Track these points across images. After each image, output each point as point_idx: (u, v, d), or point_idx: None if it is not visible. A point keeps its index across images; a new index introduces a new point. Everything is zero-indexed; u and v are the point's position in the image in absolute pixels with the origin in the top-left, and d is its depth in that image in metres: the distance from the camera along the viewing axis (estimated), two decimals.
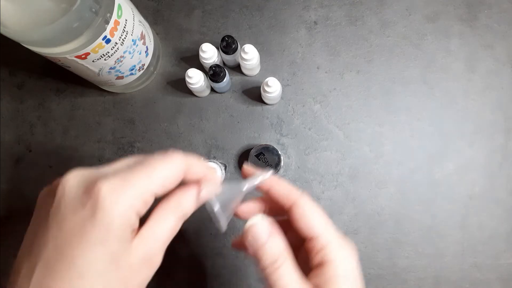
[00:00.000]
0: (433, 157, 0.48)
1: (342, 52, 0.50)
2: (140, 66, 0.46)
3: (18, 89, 0.52)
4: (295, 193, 0.29)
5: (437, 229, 0.47)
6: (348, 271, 0.27)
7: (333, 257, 0.27)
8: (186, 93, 0.50)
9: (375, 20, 0.50)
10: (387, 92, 0.49)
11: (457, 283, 0.46)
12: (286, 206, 0.29)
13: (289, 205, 0.29)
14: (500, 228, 0.47)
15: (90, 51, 0.37)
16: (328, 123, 0.49)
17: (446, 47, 0.50)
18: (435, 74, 0.49)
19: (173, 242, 0.49)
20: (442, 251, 0.46)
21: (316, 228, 0.28)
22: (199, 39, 0.51)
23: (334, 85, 0.50)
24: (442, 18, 0.50)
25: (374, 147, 0.48)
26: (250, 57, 0.45)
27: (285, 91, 0.50)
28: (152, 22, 0.51)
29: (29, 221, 0.51)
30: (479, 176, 0.48)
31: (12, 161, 0.50)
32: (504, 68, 0.49)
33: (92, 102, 0.51)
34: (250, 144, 0.49)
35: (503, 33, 0.50)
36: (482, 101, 0.49)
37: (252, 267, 0.47)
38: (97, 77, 0.43)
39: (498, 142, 0.48)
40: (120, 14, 0.38)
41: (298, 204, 0.29)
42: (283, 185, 0.30)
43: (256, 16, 0.51)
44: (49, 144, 0.50)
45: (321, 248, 0.27)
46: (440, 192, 0.47)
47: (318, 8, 0.51)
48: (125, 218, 0.23)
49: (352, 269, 0.28)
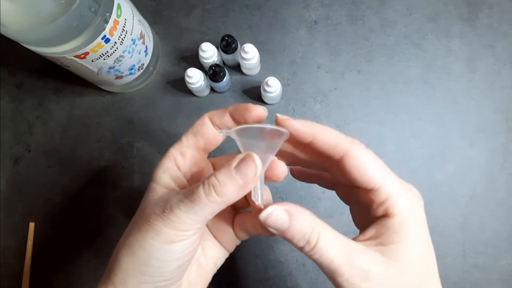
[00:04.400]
0: (434, 157, 0.48)
1: (342, 52, 0.50)
2: (140, 66, 0.46)
3: (17, 89, 0.52)
4: (345, 141, 0.25)
5: (438, 230, 0.47)
6: (415, 222, 0.25)
7: (398, 210, 0.25)
8: (186, 92, 0.50)
9: (376, 19, 0.50)
10: (388, 92, 0.49)
11: (458, 283, 0.46)
12: (336, 157, 0.26)
13: (339, 156, 0.25)
14: (501, 229, 0.46)
15: (89, 50, 0.37)
16: (328, 123, 0.49)
17: (447, 47, 0.49)
18: (436, 74, 0.49)
19: None
20: (443, 252, 0.46)
21: (376, 180, 0.25)
22: (199, 39, 0.51)
23: (335, 84, 0.49)
24: (443, 18, 0.50)
25: (374, 147, 0.47)
26: (250, 57, 0.45)
27: (285, 91, 0.49)
28: (151, 21, 0.51)
29: (28, 221, 0.51)
30: (480, 176, 0.47)
31: (11, 161, 0.50)
32: (505, 68, 0.49)
33: (91, 102, 0.51)
34: None
35: (504, 32, 0.49)
36: (483, 101, 0.49)
37: (252, 267, 0.47)
38: (96, 76, 0.43)
39: (499, 142, 0.48)
40: (119, 14, 0.38)
41: (351, 154, 0.25)
42: (330, 132, 0.26)
43: (256, 15, 0.51)
44: (48, 144, 0.50)
45: (384, 200, 0.25)
46: (441, 193, 0.47)
47: (319, 8, 0.51)
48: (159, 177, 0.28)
49: (419, 220, 0.25)
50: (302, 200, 0.48)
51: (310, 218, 0.24)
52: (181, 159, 0.28)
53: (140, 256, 0.25)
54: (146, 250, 0.25)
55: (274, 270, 0.47)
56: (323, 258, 0.23)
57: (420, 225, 0.25)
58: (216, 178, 0.24)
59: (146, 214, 0.26)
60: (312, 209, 0.47)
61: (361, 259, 0.23)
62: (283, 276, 0.47)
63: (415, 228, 0.25)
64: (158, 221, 0.25)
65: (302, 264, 0.47)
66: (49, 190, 0.49)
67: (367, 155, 0.26)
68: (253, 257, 0.47)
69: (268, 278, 0.47)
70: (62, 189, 0.49)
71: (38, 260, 0.48)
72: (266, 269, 0.47)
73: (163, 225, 0.24)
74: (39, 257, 0.48)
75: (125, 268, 0.25)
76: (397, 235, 0.24)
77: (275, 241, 0.47)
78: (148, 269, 0.25)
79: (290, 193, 0.48)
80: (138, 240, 0.25)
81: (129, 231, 0.26)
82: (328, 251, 0.23)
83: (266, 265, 0.47)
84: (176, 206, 0.24)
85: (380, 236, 0.25)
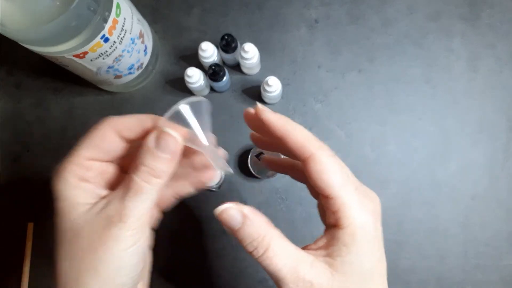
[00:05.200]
0: (435, 157, 0.48)
1: (343, 51, 0.50)
2: (139, 65, 0.46)
3: (16, 89, 0.51)
4: (313, 144, 0.26)
5: (440, 230, 0.46)
6: (365, 236, 0.25)
7: (348, 222, 0.25)
8: (186, 92, 0.49)
9: (377, 18, 0.50)
10: (389, 91, 0.49)
11: (460, 284, 0.46)
12: (301, 158, 0.26)
13: (304, 157, 0.26)
14: (502, 229, 0.46)
15: (88, 50, 0.37)
16: (329, 122, 0.49)
17: (448, 46, 0.49)
18: (437, 73, 0.49)
19: (173, 242, 0.49)
20: (445, 253, 0.46)
21: (332, 188, 0.25)
22: (199, 38, 0.50)
23: (335, 84, 0.49)
24: (444, 17, 0.50)
25: (375, 147, 0.48)
26: (250, 56, 0.45)
27: (285, 90, 0.49)
28: (151, 20, 0.51)
29: (26, 221, 0.50)
30: (481, 176, 0.47)
31: (10, 160, 0.50)
32: (506, 67, 0.49)
33: (90, 102, 0.50)
34: (250, 144, 0.48)
35: (505, 32, 0.49)
36: (484, 101, 0.48)
37: (251, 268, 0.47)
38: (95, 76, 0.43)
39: (500, 141, 0.48)
40: (118, 13, 0.38)
41: (314, 158, 0.25)
42: (300, 132, 0.26)
43: (256, 14, 0.51)
44: (47, 144, 0.50)
45: (336, 210, 0.25)
46: (442, 193, 0.47)
47: (319, 6, 0.51)
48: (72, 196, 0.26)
49: (371, 234, 0.25)
50: (303, 200, 0.47)
51: (263, 226, 0.25)
52: (87, 172, 0.27)
53: (109, 273, 0.24)
54: (114, 264, 0.24)
55: None
56: (271, 267, 0.24)
57: (371, 239, 0.25)
58: (145, 165, 0.25)
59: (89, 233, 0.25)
60: (313, 209, 0.47)
61: (308, 271, 0.24)
62: None
63: (365, 242, 0.25)
64: (115, 229, 0.24)
65: None
66: (49, 190, 0.49)
67: (329, 163, 0.25)
68: (253, 259, 0.47)
69: (268, 278, 0.47)
70: None
71: (37, 260, 0.48)
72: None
73: (123, 230, 0.24)
74: (38, 257, 0.48)
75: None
76: (346, 249, 0.24)
77: None
78: (121, 279, 0.25)
79: (290, 193, 0.48)
80: (99, 259, 0.24)
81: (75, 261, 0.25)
82: (276, 261, 0.24)
83: None
84: (126, 208, 0.25)
85: (330, 247, 0.25)
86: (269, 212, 0.47)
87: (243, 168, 0.48)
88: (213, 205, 0.50)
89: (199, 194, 0.48)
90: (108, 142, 0.27)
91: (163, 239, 0.48)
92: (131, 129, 0.27)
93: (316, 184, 0.25)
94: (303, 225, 0.47)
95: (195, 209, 0.48)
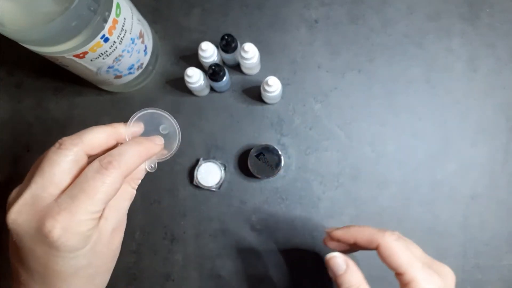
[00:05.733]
0: (435, 157, 0.48)
1: (343, 51, 0.50)
2: (139, 65, 0.46)
3: (16, 89, 0.51)
4: (377, 236, 0.32)
5: (439, 230, 0.46)
6: None
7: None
8: (185, 92, 0.49)
9: (376, 18, 0.50)
10: (389, 91, 0.49)
11: (459, 284, 0.45)
12: (372, 248, 0.33)
13: (374, 247, 0.33)
14: (502, 229, 0.46)
15: (88, 50, 0.37)
16: (329, 122, 0.49)
17: (448, 46, 0.49)
18: (437, 73, 0.49)
19: (173, 243, 0.49)
20: (444, 252, 0.46)
21: (401, 267, 0.31)
22: (199, 38, 0.50)
23: (335, 84, 0.49)
24: (444, 17, 0.50)
25: (375, 147, 0.48)
26: (250, 56, 0.45)
27: (285, 90, 0.49)
28: (151, 20, 0.51)
29: None
30: (481, 176, 0.47)
31: (10, 160, 0.50)
32: (506, 67, 0.49)
33: (90, 102, 0.51)
34: (250, 144, 0.48)
35: (505, 32, 0.49)
36: (484, 101, 0.48)
37: (251, 268, 0.47)
38: (95, 76, 0.43)
39: (500, 141, 0.48)
40: (118, 13, 0.38)
41: (381, 246, 0.32)
42: (365, 231, 0.33)
43: (256, 14, 0.51)
44: (47, 144, 0.50)
45: (407, 283, 0.30)
46: (442, 193, 0.47)
47: (319, 7, 0.51)
48: (83, 239, 0.27)
49: None
50: (302, 200, 0.47)
51: (361, 278, 0.32)
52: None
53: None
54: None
55: (275, 269, 0.47)
56: None
57: None
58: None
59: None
60: (313, 209, 0.47)
61: None
62: (283, 275, 0.46)
63: None
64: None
65: (302, 263, 0.47)
66: None
67: (396, 246, 0.31)
68: (253, 259, 0.47)
69: (269, 278, 0.47)
70: None
71: None
72: (266, 267, 0.47)
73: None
74: None
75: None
76: None
77: (276, 242, 0.47)
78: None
79: (290, 193, 0.48)
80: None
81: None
82: None
83: (267, 265, 0.47)
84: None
85: None
86: (269, 212, 0.47)
87: (243, 168, 0.48)
88: (213, 205, 0.50)
89: (200, 194, 0.48)
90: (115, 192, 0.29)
91: (163, 239, 0.48)
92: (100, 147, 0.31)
93: (388, 266, 0.32)
94: (303, 224, 0.47)
95: (195, 208, 0.48)
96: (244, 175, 0.48)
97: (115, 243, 0.31)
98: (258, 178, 0.47)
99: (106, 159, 0.28)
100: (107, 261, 0.31)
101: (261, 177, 0.47)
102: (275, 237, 0.47)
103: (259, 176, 0.46)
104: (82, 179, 0.27)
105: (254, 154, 0.46)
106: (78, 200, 0.26)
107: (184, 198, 0.48)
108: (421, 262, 0.31)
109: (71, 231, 0.26)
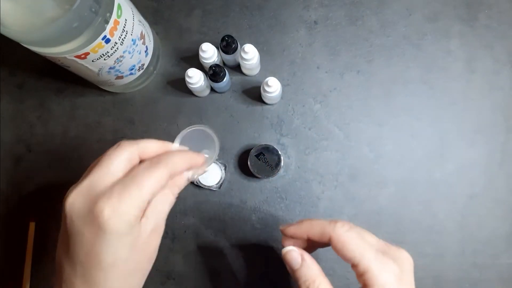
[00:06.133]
0: (433, 157, 0.48)
1: (342, 52, 0.50)
2: (140, 66, 0.46)
3: (18, 89, 0.52)
4: (328, 228, 0.32)
5: (437, 229, 0.47)
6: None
7: (373, 283, 0.29)
8: (186, 93, 0.50)
9: (375, 20, 0.50)
10: (387, 92, 0.49)
11: (457, 283, 0.46)
12: (326, 242, 0.32)
13: (326, 240, 0.32)
14: (500, 228, 0.47)
15: (90, 51, 0.37)
16: (328, 123, 0.49)
17: (446, 47, 0.50)
18: (435, 74, 0.49)
19: (173, 242, 0.49)
20: (442, 251, 0.46)
21: (354, 259, 0.30)
22: (199, 39, 0.51)
23: (334, 85, 0.50)
24: (442, 18, 0.50)
25: (374, 147, 0.48)
26: (250, 57, 0.45)
27: (285, 91, 0.50)
28: (152, 21, 0.51)
29: (28, 221, 0.51)
30: (479, 176, 0.48)
31: (12, 161, 0.50)
32: (504, 68, 0.49)
33: (92, 102, 0.51)
34: (250, 144, 0.49)
35: (503, 33, 0.49)
36: (482, 101, 0.49)
37: (251, 267, 0.47)
38: (97, 77, 0.43)
39: (498, 141, 0.48)
40: (119, 14, 0.38)
41: (333, 238, 0.31)
42: (316, 225, 0.32)
43: (256, 15, 0.51)
44: (49, 144, 0.50)
45: (362, 273, 0.30)
46: (440, 192, 0.47)
47: (318, 8, 0.51)
48: (128, 225, 0.29)
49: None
50: (302, 199, 0.48)
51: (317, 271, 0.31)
52: None
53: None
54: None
55: (274, 267, 0.47)
56: None
57: None
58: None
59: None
60: (312, 208, 0.48)
61: None
62: (283, 274, 0.47)
63: None
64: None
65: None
66: (50, 190, 0.49)
67: (347, 237, 0.31)
68: (253, 257, 0.47)
69: (269, 276, 0.47)
70: (62, 189, 0.49)
71: (38, 260, 0.48)
72: (266, 265, 0.47)
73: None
74: (39, 257, 0.48)
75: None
76: None
77: (275, 241, 0.47)
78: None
79: (290, 192, 0.48)
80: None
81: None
82: None
83: (267, 262, 0.47)
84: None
85: None
86: (269, 212, 0.48)
87: (243, 168, 0.48)
88: (213, 204, 0.50)
89: (200, 194, 0.49)
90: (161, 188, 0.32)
91: (162, 239, 0.48)
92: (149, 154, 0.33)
93: (343, 258, 0.31)
94: None
95: (196, 208, 0.48)
96: (244, 175, 0.49)
97: (152, 245, 0.32)
98: (258, 177, 0.47)
99: (156, 159, 0.31)
100: (144, 260, 0.32)
101: (261, 177, 0.47)
102: (275, 236, 0.47)
103: (259, 176, 0.47)
104: (134, 173, 0.30)
105: (254, 154, 0.47)
106: (128, 187, 0.29)
107: (184, 198, 0.48)
108: (374, 250, 0.30)
109: (119, 215, 0.28)
